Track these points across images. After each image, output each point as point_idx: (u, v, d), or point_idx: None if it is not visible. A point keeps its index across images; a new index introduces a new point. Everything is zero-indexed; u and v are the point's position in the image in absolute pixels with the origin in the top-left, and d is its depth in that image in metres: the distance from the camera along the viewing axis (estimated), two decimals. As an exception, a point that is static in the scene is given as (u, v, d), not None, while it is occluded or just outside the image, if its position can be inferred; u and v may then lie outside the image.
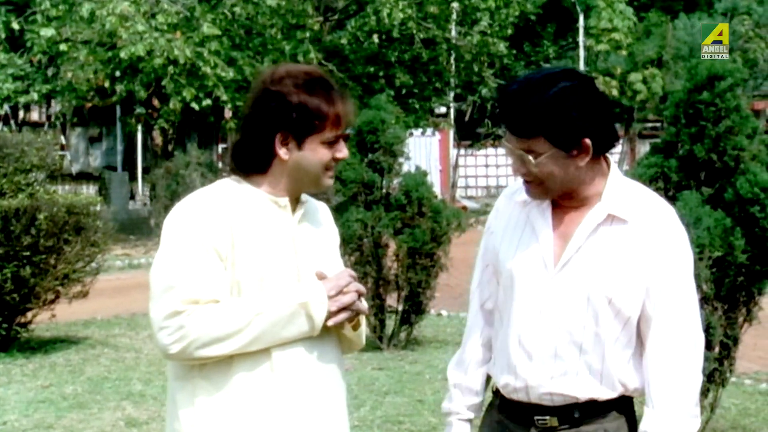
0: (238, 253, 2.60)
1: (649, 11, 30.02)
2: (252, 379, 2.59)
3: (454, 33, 20.93)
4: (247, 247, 2.61)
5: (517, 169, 2.52)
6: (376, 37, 19.50)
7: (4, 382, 7.78)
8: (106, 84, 18.49)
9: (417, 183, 8.81)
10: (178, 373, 2.66)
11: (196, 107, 17.58)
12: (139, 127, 23.74)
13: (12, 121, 26.19)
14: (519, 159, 2.50)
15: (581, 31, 28.55)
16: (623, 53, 26.36)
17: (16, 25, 18.59)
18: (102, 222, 9.10)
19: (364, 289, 2.74)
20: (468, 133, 28.81)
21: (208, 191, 2.69)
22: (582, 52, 27.78)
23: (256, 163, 2.67)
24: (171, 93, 17.34)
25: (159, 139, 22.87)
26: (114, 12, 16.48)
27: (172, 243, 2.60)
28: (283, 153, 2.64)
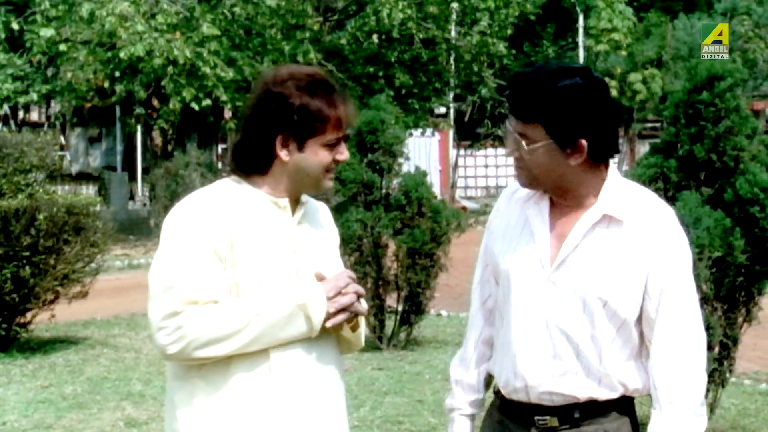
0: (238, 254, 2.60)
1: (649, 11, 30.03)
2: (250, 380, 2.59)
3: (453, 33, 20.94)
4: (246, 248, 2.61)
5: (511, 151, 2.55)
6: (375, 38, 19.51)
7: (3, 382, 7.78)
8: (106, 84, 18.49)
9: (417, 183, 8.81)
10: (176, 373, 2.66)
11: (196, 107, 17.58)
12: (139, 128, 23.73)
13: (11, 122, 26.16)
14: (514, 141, 2.52)
15: (581, 31, 28.57)
16: (623, 53, 26.38)
17: (15, 26, 18.58)
18: (101, 222, 9.10)
19: (363, 291, 2.73)
20: (467, 134, 28.81)
21: (207, 191, 2.68)
22: (582, 53, 27.79)
23: (256, 164, 2.67)
24: (170, 93, 17.34)
25: (159, 140, 22.86)
26: (113, 12, 16.48)
27: (172, 243, 2.60)
28: (283, 154, 2.64)
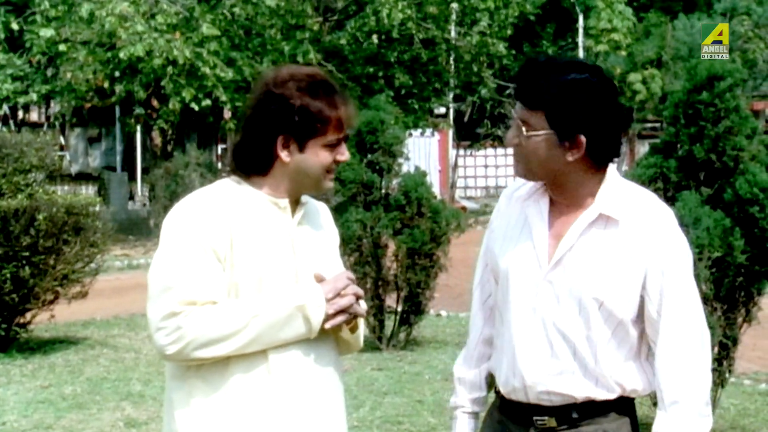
0: (237, 255, 2.59)
1: (649, 12, 30.04)
2: (248, 381, 2.59)
3: (453, 33, 20.93)
4: (245, 249, 2.60)
5: (511, 138, 2.55)
6: (375, 38, 19.50)
7: (3, 382, 7.78)
8: (106, 84, 18.48)
9: (416, 183, 8.81)
10: (175, 373, 2.66)
11: (196, 108, 17.57)
12: (139, 128, 23.72)
13: (11, 122, 26.16)
14: (516, 127, 2.53)
15: (581, 31, 28.60)
16: (622, 53, 26.39)
17: (15, 26, 18.57)
18: (101, 222, 9.09)
19: (362, 292, 2.73)
20: (467, 134, 28.83)
21: (207, 192, 2.68)
22: (581, 53, 27.78)
23: (257, 164, 2.67)
24: (170, 93, 17.33)
25: (158, 140, 22.85)
26: (113, 12, 16.47)
27: (171, 244, 2.60)
28: (284, 155, 2.64)
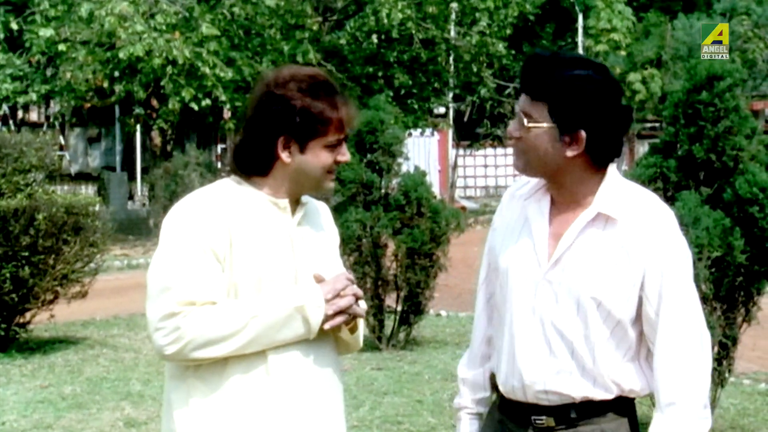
0: (236, 255, 2.59)
1: (648, 11, 30.03)
2: (247, 382, 2.59)
3: (453, 33, 20.93)
4: (245, 249, 2.60)
5: (512, 131, 2.55)
6: (375, 38, 19.49)
7: (2, 382, 7.78)
8: (105, 84, 18.46)
9: (416, 183, 8.81)
10: (174, 373, 2.66)
11: (195, 107, 17.56)
12: (138, 128, 23.71)
13: (11, 122, 26.17)
14: (518, 119, 2.53)
15: (580, 31, 28.60)
16: (622, 53, 26.38)
17: (14, 26, 18.55)
18: (101, 222, 9.09)
19: (362, 293, 2.73)
20: (467, 134, 28.81)
21: (207, 191, 2.68)
22: (581, 53, 27.79)
23: (257, 165, 2.66)
24: (170, 93, 17.32)
25: (158, 140, 22.83)
26: (113, 12, 16.46)
27: (170, 244, 2.60)
28: (285, 156, 2.63)
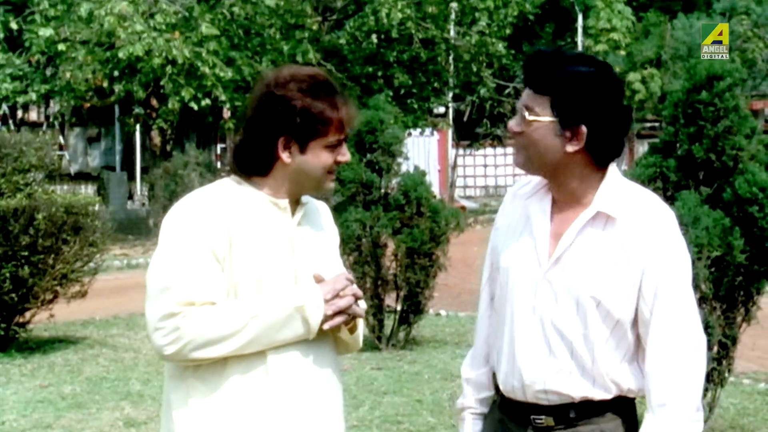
0: (236, 255, 2.59)
1: (648, 11, 30.04)
2: (246, 382, 2.59)
3: (452, 33, 20.93)
4: (244, 249, 2.60)
5: (513, 126, 2.55)
6: (374, 37, 19.47)
7: (2, 382, 7.78)
8: (105, 84, 18.45)
9: (416, 183, 8.81)
10: (173, 373, 2.66)
11: (195, 107, 17.55)
12: (138, 127, 23.72)
13: (10, 121, 26.16)
14: (519, 114, 2.53)
15: (580, 31, 28.60)
16: (622, 53, 26.40)
17: (14, 25, 18.54)
18: (100, 222, 9.09)
19: (361, 293, 2.73)
20: (466, 133, 28.80)
21: (206, 191, 2.68)
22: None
23: (257, 165, 2.66)
24: (169, 93, 17.32)
25: (157, 139, 22.84)
26: (112, 12, 16.45)
27: (170, 244, 2.59)
28: (285, 157, 2.63)
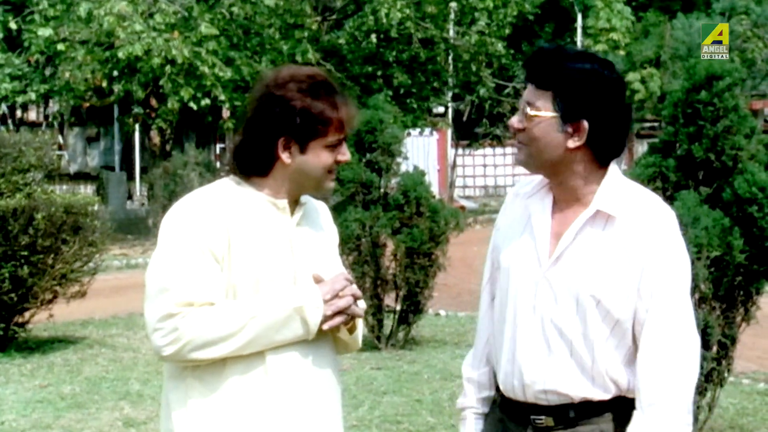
0: (235, 255, 2.59)
1: (647, 11, 30.06)
2: (245, 382, 2.59)
3: (452, 33, 20.93)
4: (243, 249, 2.60)
5: (515, 122, 2.55)
6: (374, 37, 19.48)
7: (1, 382, 7.77)
8: (104, 84, 18.44)
9: (415, 183, 8.81)
10: (172, 373, 2.66)
11: (194, 107, 17.55)
12: (137, 127, 23.71)
13: (9, 121, 26.16)
14: (521, 111, 2.54)
15: (579, 30, 28.61)
16: (621, 53, 26.41)
17: (13, 25, 18.53)
18: (100, 222, 9.09)
19: (360, 293, 2.73)
20: (466, 133, 28.80)
21: (206, 191, 2.67)
22: (581, 52, 27.76)
23: (257, 166, 2.66)
24: (169, 93, 17.31)
25: (157, 139, 22.84)
26: (112, 12, 16.45)
27: (168, 244, 2.59)
28: (285, 157, 2.63)
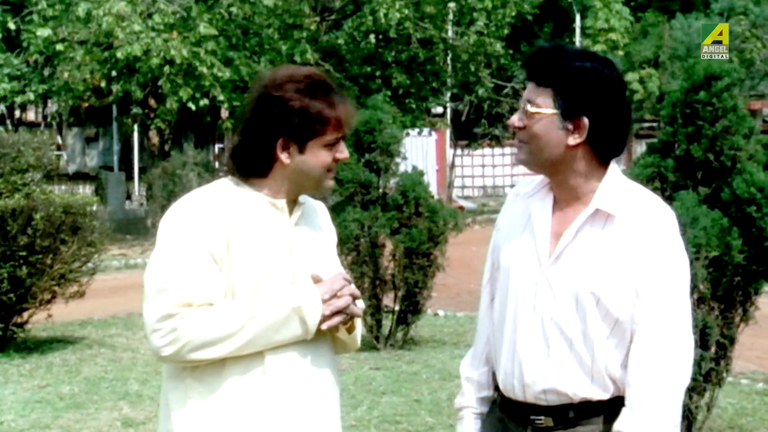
0: (233, 256, 2.59)
1: (646, 11, 30.08)
2: (244, 383, 2.59)
3: (450, 33, 20.93)
4: (242, 250, 2.60)
5: (515, 121, 2.55)
6: (372, 37, 19.49)
7: (0, 382, 7.77)
8: (103, 84, 18.44)
9: (414, 183, 8.81)
10: (171, 373, 2.66)
11: (193, 107, 17.55)
12: (136, 127, 23.72)
13: (8, 121, 26.15)
14: (521, 109, 2.54)
15: (578, 31, 28.61)
16: (620, 53, 26.42)
17: (12, 25, 18.54)
18: (98, 222, 9.09)
19: (359, 293, 2.73)
20: (464, 133, 28.80)
21: (204, 192, 2.67)
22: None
23: (256, 167, 2.66)
24: (167, 93, 17.32)
25: (155, 139, 22.83)
26: (110, 12, 16.45)
27: (167, 244, 2.59)
28: (284, 157, 2.63)
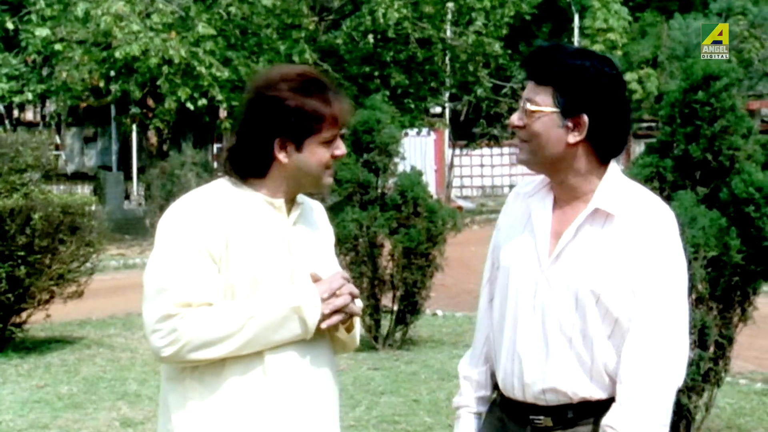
0: (232, 256, 2.58)
1: (645, 11, 30.09)
2: (244, 383, 2.59)
3: (449, 33, 20.94)
4: (241, 249, 2.59)
5: (515, 120, 2.56)
6: (371, 37, 19.48)
7: (-1, 382, 7.78)
8: (101, 84, 18.45)
9: (412, 183, 8.81)
10: (170, 374, 2.65)
11: (191, 107, 17.54)
12: (134, 127, 23.71)
13: (7, 121, 26.14)
14: (521, 108, 2.55)
15: (576, 31, 28.62)
16: (618, 53, 26.41)
17: (10, 25, 18.52)
18: (97, 222, 9.09)
19: (358, 292, 2.72)
20: (463, 133, 28.80)
21: (203, 192, 2.67)
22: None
23: (254, 168, 2.65)
24: (166, 93, 17.31)
25: (154, 139, 22.85)
26: (109, 12, 16.44)
27: (166, 245, 2.59)
28: (282, 157, 2.62)
